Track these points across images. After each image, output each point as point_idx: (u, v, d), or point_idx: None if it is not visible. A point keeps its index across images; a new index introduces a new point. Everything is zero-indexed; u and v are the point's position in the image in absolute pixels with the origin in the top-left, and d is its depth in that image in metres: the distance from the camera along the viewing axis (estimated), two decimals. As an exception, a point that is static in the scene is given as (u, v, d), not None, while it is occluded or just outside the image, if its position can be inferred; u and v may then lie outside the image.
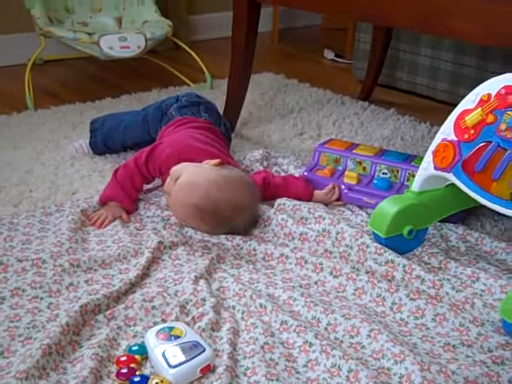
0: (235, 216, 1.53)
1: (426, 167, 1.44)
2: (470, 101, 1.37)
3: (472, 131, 1.35)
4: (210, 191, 1.50)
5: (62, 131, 2.20)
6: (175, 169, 1.58)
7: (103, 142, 1.97)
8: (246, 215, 1.56)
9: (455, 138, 1.38)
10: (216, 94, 2.50)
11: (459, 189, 1.39)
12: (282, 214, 1.60)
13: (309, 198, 1.70)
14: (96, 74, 2.95)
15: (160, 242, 1.48)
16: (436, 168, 1.42)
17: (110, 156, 1.99)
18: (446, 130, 1.40)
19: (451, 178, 1.39)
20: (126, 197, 1.64)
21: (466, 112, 1.37)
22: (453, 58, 2.49)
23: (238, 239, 1.52)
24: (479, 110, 1.34)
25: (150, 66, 2.95)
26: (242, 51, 2.10)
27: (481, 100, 1.35)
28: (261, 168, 1.84)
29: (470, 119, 1.35)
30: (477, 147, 1.34)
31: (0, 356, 1.13)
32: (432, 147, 1.43)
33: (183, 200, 1.53)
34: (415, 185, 1.48)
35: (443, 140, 1.40)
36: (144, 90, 2.62)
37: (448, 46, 2.50)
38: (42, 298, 1.29)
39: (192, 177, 1.54)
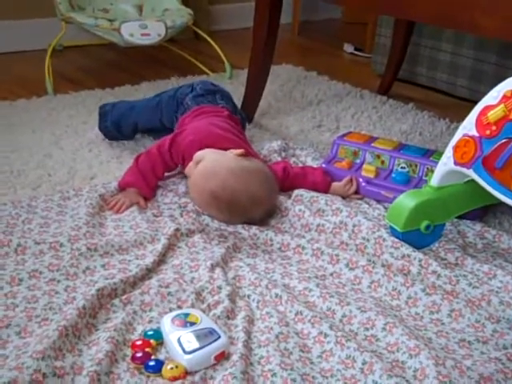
0: (252, 208, 1.53)
1: (446, 162, 1.43)
2: (492, 97, 1.35)
3: (494, 127, 1.34)
4: (228, 181, 1.50)
5: (81, 117, 2.21)
6: (199, 153, 1.59)
7: (114, 125, 1.97)
8: (263, 207, 1.56)
9: (477, 134, 1.37)
10: (235, 85, 2.50)
11: (478, 185, 1.38)
12: (300, 205, 1.60)
13: (326, 189, 1.69)
14: (115, 61, 2.96)
15: (177, 229, 1.49)
16: (456, 163, 1.41)
17: (127, 142, 2.00)
18: (468, 126, 1.39)
19: (471, 174, 1.38)
20: (146, 184, 1.64)
21: (488, 108, 1.36)
22: (474, 54, 2.48)
23: (254, 229, 1.52)
24: (502, 106, 1.33)
25: (170, 55, 2.95)
26: (263, 42, 2.10)
27: (504, 96, 1.33)
28: (279, 159, 1.84)
29: (493, 115, 1.34)
30: (498, 143, 1.33)
31: (17, 336, 1.14)
32: (453, 142, 1.42)
33: (201, 185, 1.53)
34: (434, 180, 1.47)
35: (464, 135, 1.39)
36: (163, 78, 2.63)
37: (469, 43, 2.48)
38: (59, 281, 1.30)
39: (212, 163, 1.54)
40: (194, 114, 1.81)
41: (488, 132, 1.35)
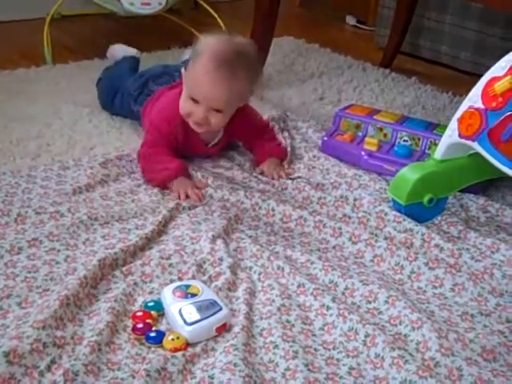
0: (236, 58, 1.54)
1: (451, 135, 1.41)
2: (500, 67, 1.33)
3: (500, 99, 1.32)
4: (214, 50, 1.54)
5: (80, 87, 2.18)
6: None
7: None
8: (248, 61, 1.57)
9: (482, 106, 1.35)
10: (236, 56, 2.47)
11: (482, 158, 1.37)
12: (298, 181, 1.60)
13: (281, 153, 1.72)
14: (114, 31, 2.91)
15: (178, 204, 1.48)
16: (461, 136, 1.39)
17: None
18: (474, 98, 1.37)
19: (476, 146, 1.37)
20: (169, 167, 1.57)
21: (495, 79, 1.34)
22: (478, 27, 2.44)
23: (256, 197, 1.50)
24: (509, 77, 1.31)
25: (170, 25, 2.91)
26: (266, 13, 2.07)
27: (511, 67, 1.31)
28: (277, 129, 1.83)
29: (499, 86, 1.32)
30: (504, 116, 1.32)
31: (18, 306, 1.13)
32: (458, 114, 1.40)
33: (201, 69, 1.53)
34: (438, 152, 1.45)
35: (470, 107, 1.38)
36: (163, 48, 2.59)
37: (474, 15, 2.45)
38: (59, 251, 1.29)
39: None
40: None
41: (494, 104, 1.33)
